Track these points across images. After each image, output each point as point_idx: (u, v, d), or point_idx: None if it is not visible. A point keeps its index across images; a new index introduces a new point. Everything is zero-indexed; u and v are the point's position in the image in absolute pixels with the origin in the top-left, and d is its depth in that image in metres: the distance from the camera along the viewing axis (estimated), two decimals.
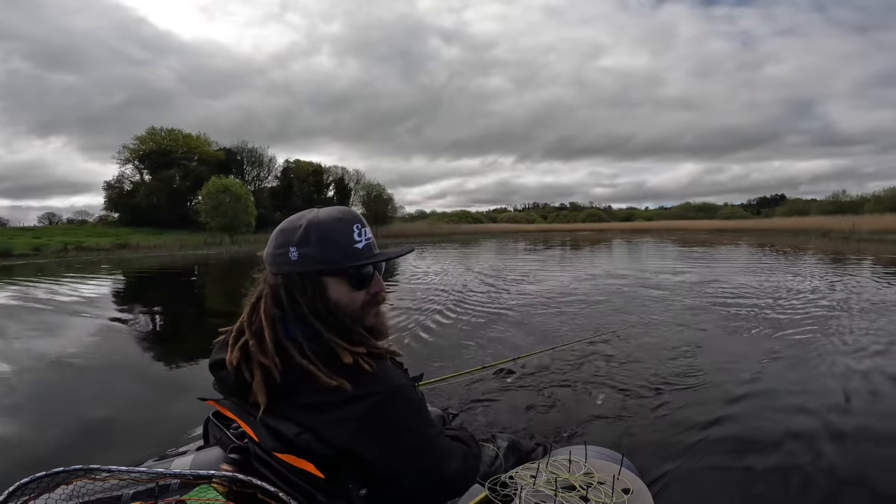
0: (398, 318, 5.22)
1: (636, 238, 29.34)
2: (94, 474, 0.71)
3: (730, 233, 34.07)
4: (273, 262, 0.86)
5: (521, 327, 4.72)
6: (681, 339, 4.03)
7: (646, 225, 61.32)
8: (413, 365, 1.84)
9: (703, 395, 2.79)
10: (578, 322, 4.89)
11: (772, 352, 3.60)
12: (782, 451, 2.13)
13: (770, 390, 2.82)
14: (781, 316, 4.90)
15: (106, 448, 2.38)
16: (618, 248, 19.25)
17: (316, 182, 43.15)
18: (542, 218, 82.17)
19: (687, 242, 22.08)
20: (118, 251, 22.16)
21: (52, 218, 41.22)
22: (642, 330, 4.43)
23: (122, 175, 37.15)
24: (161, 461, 0.93)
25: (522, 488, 1.04)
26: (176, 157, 35.71)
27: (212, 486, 0.72)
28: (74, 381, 3.57)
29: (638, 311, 5.38)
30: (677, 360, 3.44)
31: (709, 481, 1.93)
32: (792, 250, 15.49)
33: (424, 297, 6.70)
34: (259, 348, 0.81)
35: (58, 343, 4.74)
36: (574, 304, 5.93)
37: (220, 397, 0.92)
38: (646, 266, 11.14)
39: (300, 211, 0.90)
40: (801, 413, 2.52)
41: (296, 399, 0.79)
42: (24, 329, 5.47)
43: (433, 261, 13.99)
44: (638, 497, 1.03)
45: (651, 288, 7.23)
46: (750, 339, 4.07)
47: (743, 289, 6.80)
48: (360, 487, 0.77)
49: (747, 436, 2.28)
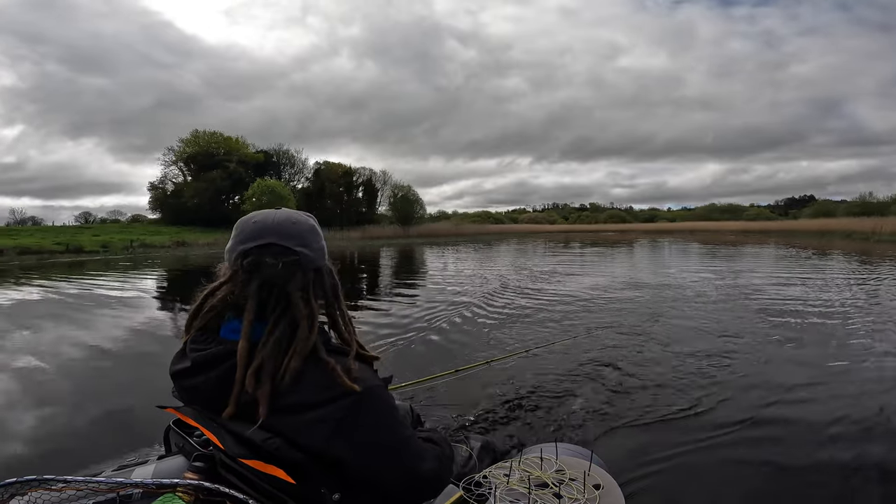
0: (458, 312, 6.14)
1: (661, 239, 29.72)
2: (50, 484, 0.68)
3: (755, 234, 34.22)
4: (323, 256, 0.89)
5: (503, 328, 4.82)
6: (651, 338, 4.22)
7: (670, 226, 61.14)
8: (417, 365, 2.61)
9: (671, 392, 2.91)
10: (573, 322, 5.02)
11: (746, 345, 3.88)
12: (749, 446, 2.25)
13: (739, 386, 2.99)
14: (759, 308, 5.52)
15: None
16: (662, 250, 19.36)
17: (346, 183, 44.75)
18: (563, 219, 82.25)
19: (713, 244, 22.56)
20: (178, 248, 23.98)
21: (87, 217, 43.99)
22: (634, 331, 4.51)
23: (165, 176, 39.54)
24: (121, 471, 0.88)
25: (496, 487, 1.06)
26: (218, 158, 37.73)
27: (176, 495, 0.68)
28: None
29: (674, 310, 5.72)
30: (646, 360, 3.59)
31: (677, 476, 2.01)
32: (809, 250, 16.09)
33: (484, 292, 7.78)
34: (282, 356, 0.79)
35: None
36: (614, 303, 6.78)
37: (179, 405, 0.90)
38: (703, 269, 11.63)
39: (330, 212, 1.31)
40: (764, 405, 2.68)
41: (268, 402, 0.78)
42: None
43: (488, 262, 14.69)
44: (609, 492, 1.06)
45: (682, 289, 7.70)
46: (717, 335, 4.30)
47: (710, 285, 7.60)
48: (334, 492, 0.76)
49: (714, 431, 2.38)
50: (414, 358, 3.87)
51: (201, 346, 0.86)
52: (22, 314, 6.51)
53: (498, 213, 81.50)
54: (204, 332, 0.87)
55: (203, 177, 37.00)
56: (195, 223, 33.82)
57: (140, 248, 23.35)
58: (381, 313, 5.99)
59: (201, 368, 0.84)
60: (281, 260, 0.83)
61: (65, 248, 21.33)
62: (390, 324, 5.19)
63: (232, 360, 0.80)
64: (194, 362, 0.85)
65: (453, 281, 9.50)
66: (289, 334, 0.81)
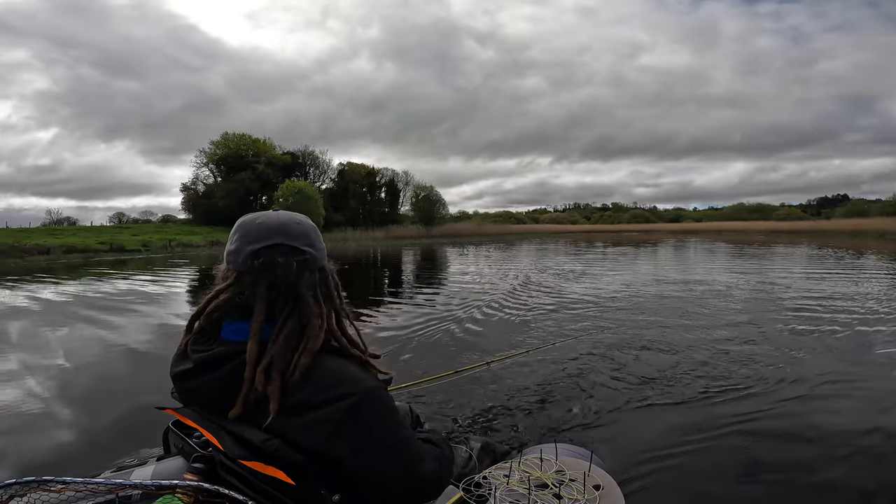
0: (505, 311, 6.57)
1: (687, 239, 29.25)
2: (49, 486, 0.68)
3: (785, 234, 33.33)
4: (323, 257, 0.91)
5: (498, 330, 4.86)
6: (651, 340, 4.19)
7: (696, 226, 59.84)
8: (419, 366, 2.75)
9: (671, 392, 2.91)
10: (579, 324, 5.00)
11: (743, 350, 3.80)
12: (750, 447, 2.24)
13: (740, 388, 2.98)
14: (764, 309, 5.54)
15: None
16: (686, 250, 19.17)
17: (369, 184, 45.45)
18: (586, 219, 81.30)
19: (739, 244, 22.14)
20: (213, 247, 24.94)
21: (120, 217, 45.58)
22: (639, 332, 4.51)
23: (197, 177, 40.95)
24: (120, 472, 0.88)
25: (496, 488, 1.06)
26: (247, 160, 38.88)
27: (176, 497, 0.69)
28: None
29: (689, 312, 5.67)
30: (646, 360, 3.59)
31: (677, 476, 2.02)
32: (839, 250, 15.72)
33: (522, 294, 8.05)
34: (291, 353, 0.80)
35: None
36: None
37: (178, 406, 0.90)
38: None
39: (353, 211, 1.33)
40: (765, 407, 2.67)
41: (266, 404, 0.78)
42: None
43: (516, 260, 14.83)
44: (609, 493, 1.07)
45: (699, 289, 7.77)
46: (720, 337, 4.22)
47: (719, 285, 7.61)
48: (333, 493, 0.77)
49: (714, 432, 2.38)
50: (416, 358, 3.89)
51: (203, 348, 0.86)
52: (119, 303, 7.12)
53: (519, 213, 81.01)
54: (203, 333, 0.88)
55: (233, 178, 38.19)
56: (225, 223, 34.67)
57: (178, 248, 24.44)
58: (387, 313, 6.04)
59: (204, 370, 0.85)
60: (294, 259, 0.85)
61: (108, 247, 22.50)
62: (391, 325, 5.25)
63: (235, 361, 0.82)
64: (197, 363, 0.85)
65: (470, 280, 9.65)
66: (298, 332, 0.83)
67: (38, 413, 2.86)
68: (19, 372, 3.70)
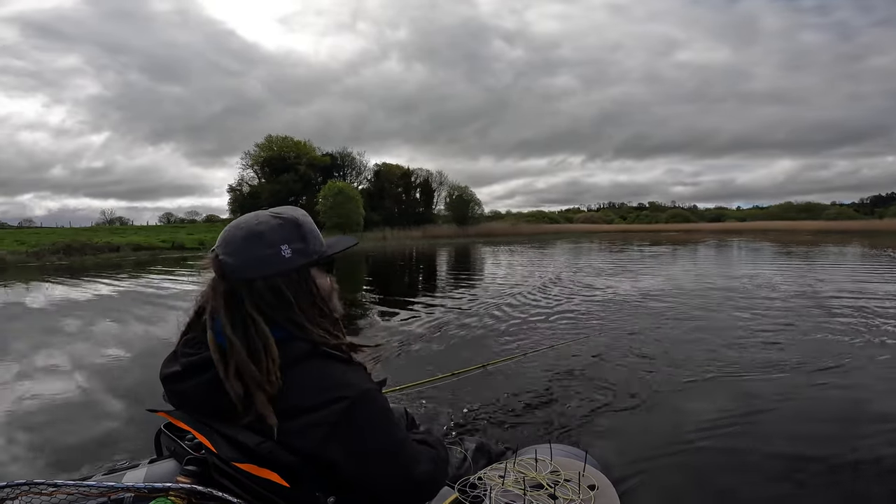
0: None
1: (730, 238, 28.36)
2: (40, 489, 0.68)
3: (835, 234, 31.86)
4: (261, 266, 0.84)
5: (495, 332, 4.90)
6: (643, 344, 4.23)
7: (740, 226, 57.15)
8: (416, 368, 2.92)
9: (666, 393, 2.96)
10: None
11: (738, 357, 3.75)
12: (746, 446, 2.27)
13: (737, 387, 3.03)
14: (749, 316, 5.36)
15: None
16: (730, 250, 18.74)
17: (405, 184, 46.32)
18: (621, 218, 79.52)
19: (783, 243, 21.43)
20: None
21: (168, 217, 48.39)
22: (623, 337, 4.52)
23: (242, 179, 42.96)
24: (111, 475, 0.85)
25: (492, 488, 1.07)
26: (290, 162, 40.54)
27: (169, 499, 0.69)
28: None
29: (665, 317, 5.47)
30: (642, 361, 3.67)
31: (671, 476, 2.04)
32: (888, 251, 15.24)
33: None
34: (256, 365, 0.79)
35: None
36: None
37: (170, 408, 0.90)
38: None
39: (388, 211, 1.37)
40: (764, 407, 2.71)
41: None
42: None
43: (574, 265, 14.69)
44: (603, 493, 1.08)
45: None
46: (713, 342, 4.22)
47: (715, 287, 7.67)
48: (328, 495, 0.77)
49: (709, 432, 2.42)
50: (415, 360, 3.97)
51: (192, 351, 0.87)
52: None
53: (552, 212, 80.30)
54: (195, 336, 0.89)
55: (277, 179, 39.87)
56: None
57: None
58: (395, 314, 6.05)
59: (192, 373, 0.85)
60: (224, 270, 0.83)
61: (170, 245, 24.21)
62: (393, 325, 5.29)
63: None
64: (185, 367, 0.86)
65: (493, 281, 9.80)
66: (257, 342, 0.81)
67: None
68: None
